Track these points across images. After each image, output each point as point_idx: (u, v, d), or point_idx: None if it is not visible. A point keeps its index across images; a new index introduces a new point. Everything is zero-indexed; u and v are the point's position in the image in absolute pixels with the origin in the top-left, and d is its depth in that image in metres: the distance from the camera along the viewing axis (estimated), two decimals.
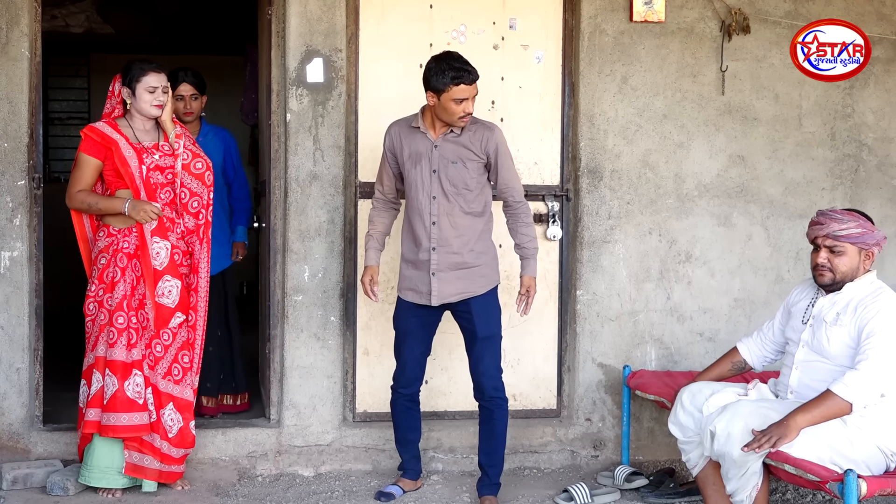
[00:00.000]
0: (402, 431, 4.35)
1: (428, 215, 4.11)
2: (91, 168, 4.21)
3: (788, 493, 4.46)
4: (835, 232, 3.66)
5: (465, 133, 4.12)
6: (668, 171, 4.91)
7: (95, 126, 4.22)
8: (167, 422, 4.20)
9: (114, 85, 4.31)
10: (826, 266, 3.69)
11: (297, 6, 4.58)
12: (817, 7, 4.97)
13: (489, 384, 4.17)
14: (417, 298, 4.17)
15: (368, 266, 4.26)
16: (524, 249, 4.20)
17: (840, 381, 3.47)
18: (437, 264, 4.11)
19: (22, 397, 4.49)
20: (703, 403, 3.78)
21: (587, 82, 4.82)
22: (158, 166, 4.22)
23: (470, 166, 4.10)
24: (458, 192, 4.10)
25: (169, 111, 4.26)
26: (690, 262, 4.95)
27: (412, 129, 4.17)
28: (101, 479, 4.20)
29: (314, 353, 4.66)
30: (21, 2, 4.41)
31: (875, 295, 3.62)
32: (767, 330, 4.02)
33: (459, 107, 4.02)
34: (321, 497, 4.35)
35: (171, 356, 4.23)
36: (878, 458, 3.53)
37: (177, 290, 4.21)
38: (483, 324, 4.14)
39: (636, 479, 4.52)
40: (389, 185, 4.27)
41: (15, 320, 4.46)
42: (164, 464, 4.21)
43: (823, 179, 5.04)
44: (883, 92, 5.07)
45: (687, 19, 4.89)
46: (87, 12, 7.57)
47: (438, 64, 4.01)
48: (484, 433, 4.24)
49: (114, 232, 4.19)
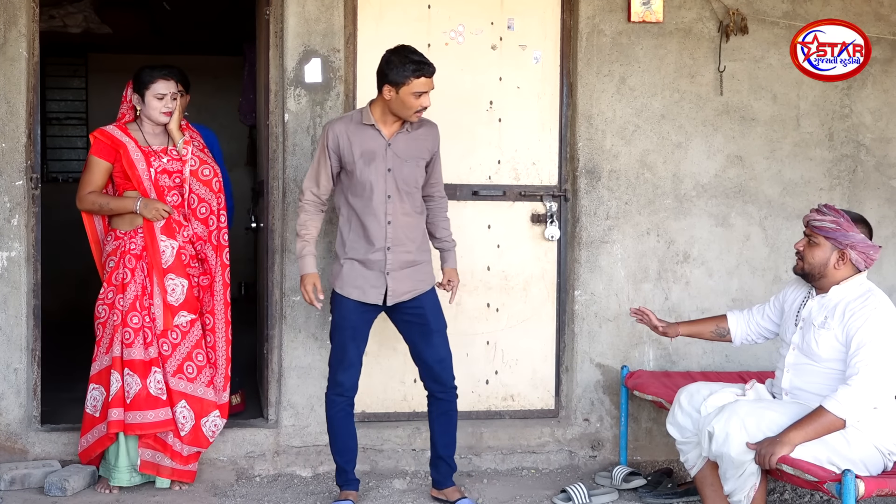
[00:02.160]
0: (342, 439, 4.17)
1: (384, 215, 4.05)
2: (101, 170, 4.28)
3: (786, 494, 4.46)
4: (812, 221, 3.70)
5: (417, 130, 4.12)
6: (666, 172, 4.92)
7: (105, 129, 4.31)
8: (179, 419, 4.25)
9: (127, 89, 4.39)
10: (800, 253, 3.74)
11: (296, 6, 4.59)
12: (815, 7, 4.97)
13: (448, 375, 4.20)
14: (364, 297, 4.09)
15: (309, 274, 4.11)
16: (446, 242, 4.27)
17: (832, 397, 3.46)
18: (392, 264, 4.08)
19: (20, 397, 4.49)
20: (700, 404, 3.79)
21: (585, 82, 4.83)
22: (167, 170, 4.29)
23: (420, 165, 4.13)
24: (410, 191, 4.10)
25: (177, 119, 4.32)
26: (688, 263, 4.96)
27: (362, 127, 4.07)
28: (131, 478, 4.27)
29: (312, 354, 4.66)
30: (19, 2, 4.42)
31: (863, 299, 3.59)
32: (757, 313, 4.02)
33: (418, 100, 3.98)
34: (319, 497, 4.35)
35: (183, 354, 4.27)
36: (876, 458, 3.53)
37: (181, 289, 4.25)
38: (435, 317, 4.18)
39: (634, 479, 4.52)
40: (327, 185, 4.12)
41: (13, 320, 4.46)
42: (175, 461, 4.26)
43: (821, 180, 5.04)
44: (881, 92, 5.07)
45: (685, 20, 4.89)
46: (85, 12, 7.56)
47: (397, 57, 3.96)
48: (442, 426, 4.23)
49: (121, 235, 4.27)
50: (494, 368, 4.94)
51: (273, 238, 4.71)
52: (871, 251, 3.65)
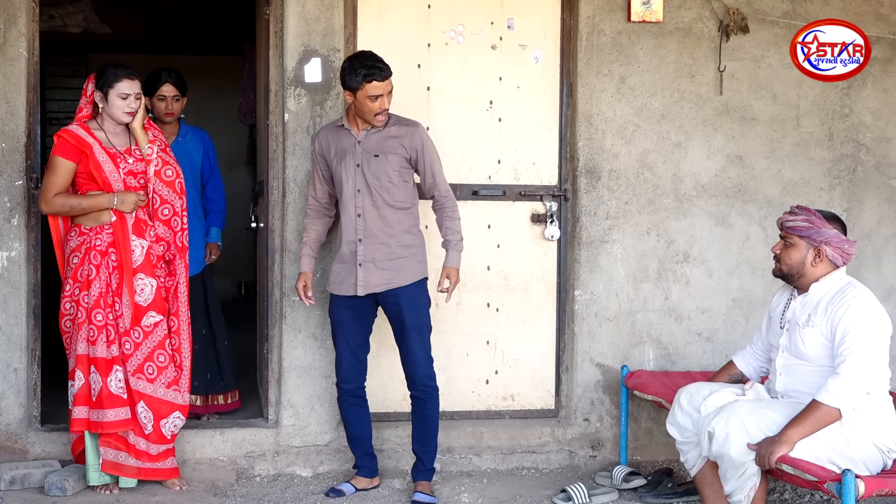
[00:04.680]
0: (349, 428, 4.40)
1: (353, 208, 4.22)
2: (67, 171, 4.22)
3: (786, 493, 4.47)
4: (786, 222, 3.74)
5: (390, 128, 4.24)
6: (666, 171, 4.92)
7: (69, 129, 4.23)
8: (142, 419, 4.24)
9: (88, 84, 4.33)
10: (776, 255, 3.78)
11: (295, 6, 4.58)
12: (815, 7, 4.98)
13: (421, 373, 4.26)
14: (344, 290, 4.27)
15: (303, 272, 4.39)
16: (446, 241, 4.31)
17: (824, 388, 3.47)
18: (363, 255, 4.22)
19: (20, 397, 4.49)
20: (700, 404, 3.79)
21: (585, 82, 4.83)
22: (132, 171, 4.26)
23: (392, 159, 4.21)
24: (381, 185, 4.20)
25: (140, 118, 4.27)
26: (688, 262, 4.96)
27: (338, 129, 4.29)
28: (101, 477, 4.24)
29: (312, 354, 4.67)
30: (19, 2, 4.42)
31: (843, 291, 3.63)
32: (757, 340, 4.05)
33: (375, 104, 4.13)
34: (319, 497, 4.36)
35: (144, 354, 4.25)
36: (876, 456, 3.54)
37: (150, 288, 4.24)
38: (411, 313, 4.23)
39: (634, 479, 4.53)
40: (322, 190, 4.38)
41: (13, 320, 4.46)
42: (140, 460, 4.24)
43: (821, 179, 5.05)
44: (881, 92, 5.07)
45: (685, 19, 4.90)
46: (85, 12, 7.56)
47: (351, 63, 4.15)
48: (417, 422, 4.34)
49: (86, 230, 4.22)
50: (494, 368, 4.95)
51: (273, 238, 4.72)
52: (846, 246, 3.69)
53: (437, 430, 4.37)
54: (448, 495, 4.43)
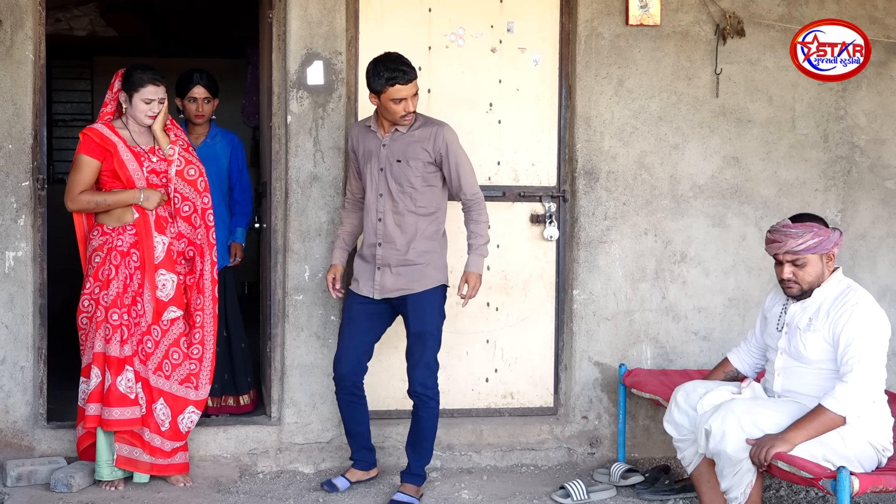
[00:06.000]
0: (347, 423, 4.42)
1: (375, 212, 4.23)
2: (92, 169, 4.27)
3: (782, 490, 4.49)
4: (794, 248, 3.64)
5: (414, 131, 4.20)
6: (664, 173, 4.95)
7: (95, 128, 4.29)
8: (159, 416, 4.29)
9: (115, 80, 4.38)
10: (792, 280, 3.69)
11: (298, 9, 4.62)
12: (811, 10, 5.00)
13: (417, 380, 4.22)
14: (361, 290, 4.28)
15: (333, 265, 4.41)
16: (469, 246, 4.27)
17: (831, 395, 3.48)
18: (382, 259, 4.22)
19: (26, 395, 4.53)
20: (697, 402, 3.80)
21: (584, 85, 4.87)
22: (155, 170, 4.32)
23: (414, 165, 4.17)
24: (403, 191, 4.19)
25: (160, 121, 4.32)
26: (685, 262, 5.00)
27: (367, 129, 4.30)
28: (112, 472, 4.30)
29: (314, 352, 4.70)
30: (25, 5, 4.45)
31: (844, 296, 3.62)
32: (751, 338, 4.05)
33: (399, 106, 4.11)
34: (321, 494, 4.39)
35: (162, 352, 4.31)
36: (871, 455, 3.57)
37: (171, 284, 4.30)
38: (417, 320, 4.22)
39: (632, 476, 4.56)
40: (357, 185, 4.38)
41: (19, 319, 4.50)
42: (154, 457, 4.29)
43: (816, 181, 5.08)
44: (875, 94, 5.10)
45: (682, 23, 4.93)
46: (91, 15, 7.61)
47: (375, 66, 4.12)
48: (412, 426, 4.32)
49: (108, 231, 4.28)
50: (494, 367, 4.99)
51: (276, 238, 4.75)
52: (841, 238, 3.70)
53: (431, 437, 4.31)
54: (448, 492, 4.46)
